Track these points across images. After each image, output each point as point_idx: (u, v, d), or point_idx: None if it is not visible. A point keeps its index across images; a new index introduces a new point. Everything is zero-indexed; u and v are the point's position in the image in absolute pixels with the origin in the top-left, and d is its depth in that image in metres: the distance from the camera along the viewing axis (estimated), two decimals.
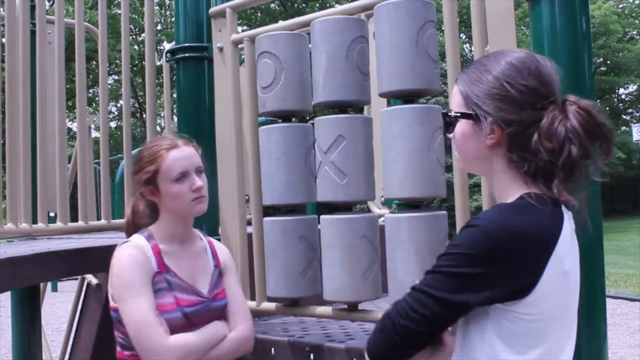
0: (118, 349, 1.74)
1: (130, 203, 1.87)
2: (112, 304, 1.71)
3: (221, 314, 1.77)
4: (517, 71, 1.15)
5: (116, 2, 17.59)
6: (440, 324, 1.11)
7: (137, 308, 1.62)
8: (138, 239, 1.73)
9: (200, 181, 1.73)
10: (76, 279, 4.44)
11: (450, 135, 1.26)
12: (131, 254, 1.68)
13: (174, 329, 1.64)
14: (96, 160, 3.64)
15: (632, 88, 30.07)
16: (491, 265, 1.05)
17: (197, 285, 1.74)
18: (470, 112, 1.20)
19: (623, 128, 28.11)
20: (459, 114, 1.22)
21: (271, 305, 2.14)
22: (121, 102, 4.78)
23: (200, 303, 1.71)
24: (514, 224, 1.07)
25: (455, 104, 1.25)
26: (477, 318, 1.11)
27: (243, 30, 2.34)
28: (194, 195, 1.72)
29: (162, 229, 1.77)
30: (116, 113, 22.39)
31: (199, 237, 1.86)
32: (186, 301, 1.69)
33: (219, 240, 2.33)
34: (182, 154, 1.73)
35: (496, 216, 1.10)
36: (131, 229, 1.82)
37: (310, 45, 2.04)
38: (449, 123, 1.25)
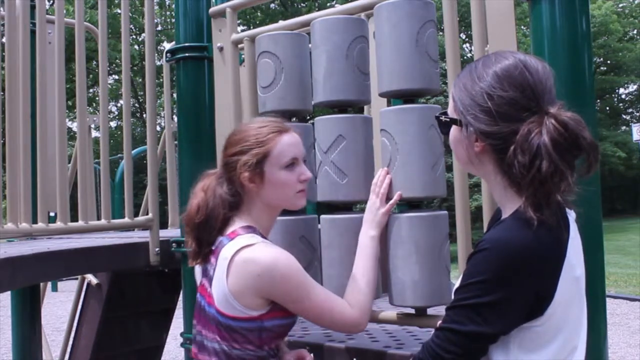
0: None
1: (200, 188, 1.62)
2: (250, 313, 1.47)
3: None
4: (498, 82, 1.13)
5: (116, 2, 17.58)
6: (475, 358, 1.10)
7: (318, 298, 1.51)
8: (256, 238, 1.52)
9: (309, 172, 1.60)
10: (76, 279, 4.45)
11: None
12: (289, 256, 1.50)
13: (284, 335, 1.57)
14: (96, 160, 3.64)
15: (632, 88, 30.08)
16: (508, 287, 1.04)
17: None
18: (458, 118, 1.20)
19: (623, 128, 28.14)
20: (448, 120, 1.23)
21: None
22: (121, 102, 4.78)
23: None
24: (521, 242, 1.06)
25: (450, 107, 1.26)
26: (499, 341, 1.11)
27: (242, 31, 2.34)
28: (301, 187, 1.59)
29: (257, 222, 1.58)
30: (116, 113, 22.41)
31: None
32: None
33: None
34: (295, 140, 1.59)
35: (502, 236, 1.09)
36: (200, 221, 1.56)
37: (310, 45, 2.04)
38: (443, 126, 1.26)
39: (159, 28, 22.87)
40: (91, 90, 18.75)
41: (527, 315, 1.07)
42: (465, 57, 21.15)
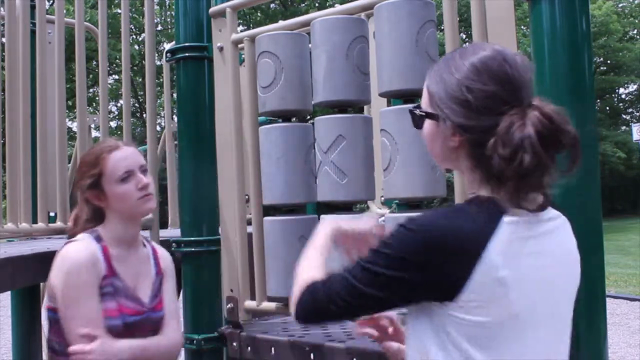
0: (50, 354, 1.70)
1: (73, 212, 1.83)
2: (49, 303, 1.67)
3: (158, 324, 1.75)
4: (477, 74, 1.10)
5: (116, 1, 17.58)
6: (366, 313, 1.18)
7: (81, 311, 1.60)
8: (87, 239, 1.70)
9: (146, 179, 1.72)
10: None
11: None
12: (81, 258, 1.64)
13: (114, 336, 1.63)
14: None
15: (632, 88, 30.07)
16: (418, 270, 1.05)
17: (139, 292, 1.72)
18: (434, 112, 1.17)
19: (623, 128, 28.13)
20: (424, 114, 1.20)
21: (271, 305, 2.14)
22: (121, 101, 4.78)
23: (141, 313, 1.70)
24: (441, 231, 1.06)
25: (423, 100, 1.22)
26: (420, 319, 1.12)
27: (242, 31, 2.34)
28: (141, 194, 1.70)
29: (110, 232, 1.73)
30: (116, 113, 22.38)
31: (143, 242, 1.84)
32: (129, 309, 1.68)
33: (215, 241, 2.34)
34: (125, 154, 1.72)
35: (427, 221, 1.08)
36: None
37: (310, 45, 2.04)
38: (418, 120, 1.22)
39: (159, 28, 22.87)
40: (91, 90, 18.72)
41: (433, 297, 1.07)
42: None
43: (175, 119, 3.17)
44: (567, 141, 1.06)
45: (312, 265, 1.34)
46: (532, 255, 1.08)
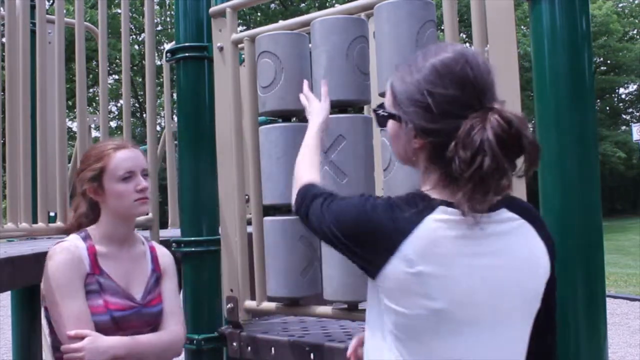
0: (54, 353, 1.71)
1: (73, 203, 1.86)
2: (44, 303, 1.70)
3: (154, 320, 1.76)
4: (439, 78, 1.11)
5: (116, 1, 17.58)
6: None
7: (67, 310, 1.62)
8: (74, 238, 1.73)
9: (145, 183, 1.75)
10: None
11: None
12: (63, 256, 1.67)
13: (103, 333, 1.64)
14: None
15: (632, 88, 30.08)
16: (351, 237, 1.16)
17: (131, 290, 1.73)
18: (397, 113, 1.18)
19: (623, 127, 28.14)
20: (386, 114, 1.21)
21: (271, 305, 2.14)
22: (121, 101, 4.78)
23: (131, 308, 1.70)
24: (368, 217, 1.13)
25: (387, 100, 1.23)
26: (372, 304, 1.20)
27: (241, 31, 2.34)
28: (138, 196, 1.73)
29: (101, 230, 1.76)
30: (116, 113, 22.39)
31: (141, 241, 1.86)
32: (116, 305, 1.68)
33: (215, 241, 2.34)
34: (130, 155, 1.76)
35: (367, 205, 1.16)
36: (73, 230, 1.80)
37: (310, 45, 2.04)
38: (381, 119, 1.24)
39: (159, 28, 22.87)
40: (91, 90, 18.73)
41: (360, 262, 1.17)
42: None
43: (175, 119, 3.17)
44: (526, 145, 1.07)
45: (307, 165, 1.48)
46: (471, 255, 1.09)
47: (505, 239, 1.12)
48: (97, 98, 17.30)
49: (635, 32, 29.71)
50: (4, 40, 2.70)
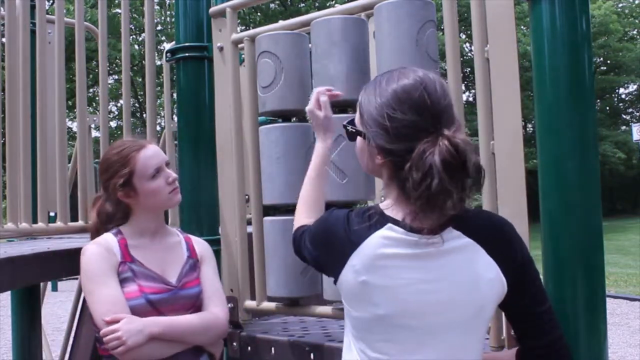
0: (98, 346, 1.77)
1: (94, 208, 1.93)
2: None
3: (192, 302, 1.81)
4: (399, 103, 1.21)
5: (116, 1, 17.57)
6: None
7: (101, 297, 1.68)
8: (105, 235, 1.84)
9: (173, 173, 1.85)
10: (76, 278, 4.43)
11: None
12: (94, 249, 1.76)
13: (142, 316, 1.70)
14: (96, 160, 3.64)
15: (632, 88, 30.09)
16: (318, 248, 1.35)
17: (166, 275, 1.80)
18: (362, 131, 1.30)
19: (623, 128, 28.15)
20: (354, 131, 1.33)
21: (271, 305, 2.14)
22: (121, 101, 4.77)
23: (166, 291, 1.76)
24: (329, 227, 1.30)
25: (357, 117, 1.33)
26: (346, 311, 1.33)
27: (241, 31, 2.34)
28: (171, 187, 1.84)
29: (132, 227, 1.86)
30: (116, 113, 22.38)
31: (175, 233, 1.95)
32: (151, 289, 1.74)
33: (215, 241, 2.34)
34: (152, 152, 1.84)
35: (330, 217, 1.32)
36: (95, 234, 1.89)
37: (310, 45, 2.04)
38: (349, 134, 1.36)
39: (159, 28, 22.86)
40: (91, 90, 18.72)
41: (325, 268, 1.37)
42: (465, 57, 21.14)
43: (175, 119, 3.17)
44: (471, 169, 1.16)
45: (302, 203, 1.63)
46: (409, 269, 1.20)
47: (446, 256, 1.21)
48: (97, 98, 17.28)
49: (635, 32, 29.72)
50: (4, 40, 2.70)
